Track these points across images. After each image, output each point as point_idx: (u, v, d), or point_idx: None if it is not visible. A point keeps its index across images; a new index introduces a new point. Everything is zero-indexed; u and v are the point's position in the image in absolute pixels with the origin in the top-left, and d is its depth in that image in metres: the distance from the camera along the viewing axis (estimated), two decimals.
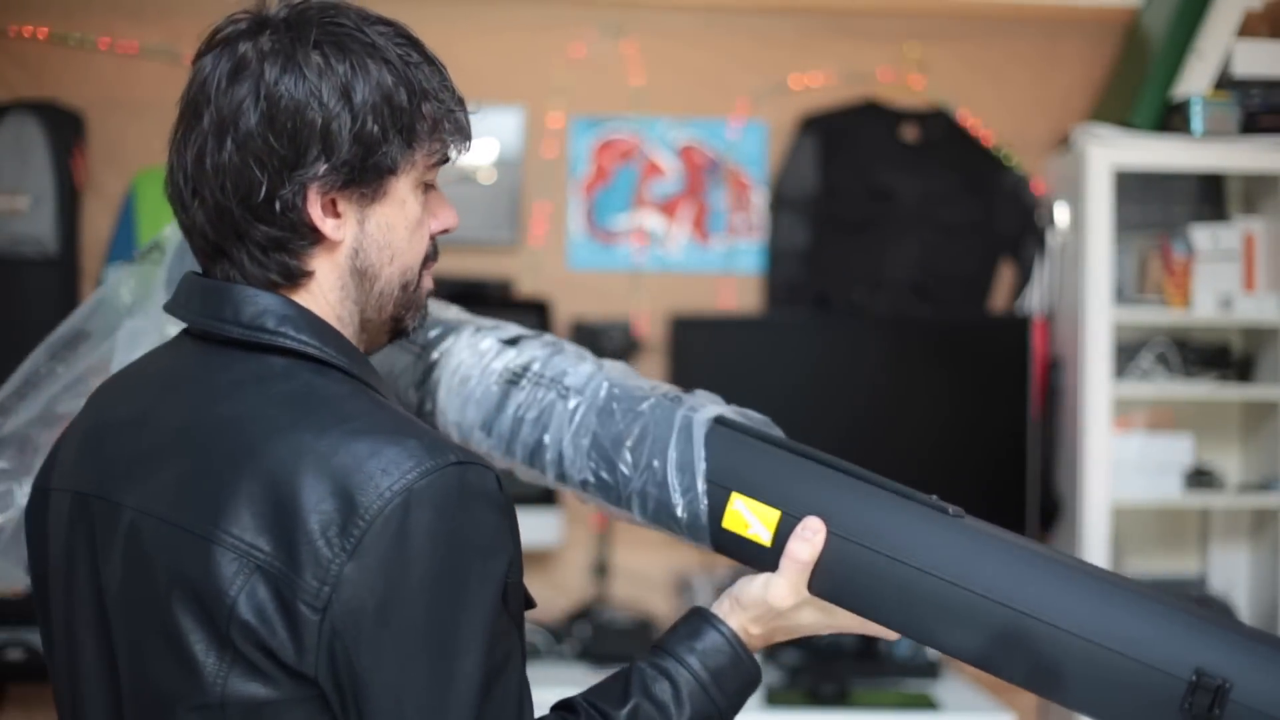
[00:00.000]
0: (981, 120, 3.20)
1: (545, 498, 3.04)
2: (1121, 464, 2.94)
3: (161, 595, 1.09)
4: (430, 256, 1.23)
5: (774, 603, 1.24)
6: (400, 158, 1.15)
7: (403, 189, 1.18)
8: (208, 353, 1.16)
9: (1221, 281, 2.96)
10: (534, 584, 3.48)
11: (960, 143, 3.20)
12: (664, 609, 3.14)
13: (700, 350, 3.10)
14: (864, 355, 3.09)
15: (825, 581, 1.22)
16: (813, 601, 1.24)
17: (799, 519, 1.23)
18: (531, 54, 3.17)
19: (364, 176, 1.14)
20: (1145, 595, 1.08)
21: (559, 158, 3.19)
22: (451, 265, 3.11)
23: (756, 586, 1.25)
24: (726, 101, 3.20)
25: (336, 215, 1.15)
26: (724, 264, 3.21)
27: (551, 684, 1.53)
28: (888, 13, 3.21)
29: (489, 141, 3.14)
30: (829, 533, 1.23)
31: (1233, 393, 3.03)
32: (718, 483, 1.28)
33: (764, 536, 1.25)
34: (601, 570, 3.15)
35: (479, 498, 1.10)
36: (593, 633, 2.93)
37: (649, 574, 3.17)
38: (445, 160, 1.21)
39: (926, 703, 2.73)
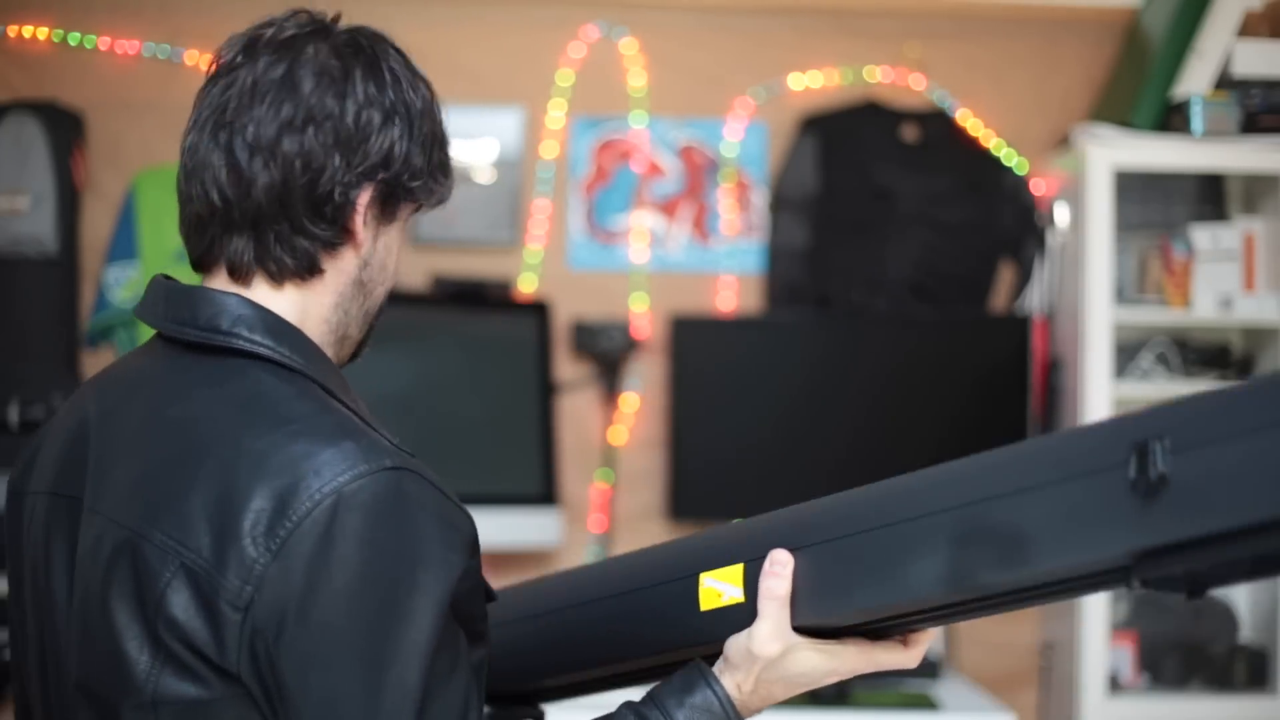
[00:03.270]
0: (981, 120, 3.21)
1: (545, 498, 3.04)
2: None
3: (102, 594, 1.10)
4: None
5: (759, 651, 1.16)
6: (427, 190, 1.21)
7: (404, 215, 1.22)
8: (171, 355, 1.19)
9: (1221, 281, 2.96)
10: None
11: (960, 143, 3.20)
12: None
13: (700, 350, 3.11)
14: (864, 355, 3.09)
15: (812, 603, 1.15)
16: (808, 644, 1.17)
17: (762, 558, 1.18)
18: (531, 54, 3.17)
19: (398, 197, 1.19)
20: (1068, 430, 1.08)
21: (559, 158, 3.19)
22: (451, 265, 3.12)
23: (741, 639, 1.18)
24: (726, 101, 3.21)
25: (364, 226, 1.19)
26: (724, 264, 3.21)
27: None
28: (888, 13, 3.21)
29: (489, 141, 3.14)
30: (796, 554, 1.17)
31: None
32: (680, 576, 1.23)
33: (737, 594, 1.19)
34: None
35: (415, 505, 1.08)
36: None
37: None
38: (432, 191, 1.23)
39: (926, 703, 2.73)
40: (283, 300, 1.18)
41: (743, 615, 1.18)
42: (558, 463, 3.09)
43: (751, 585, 1.18)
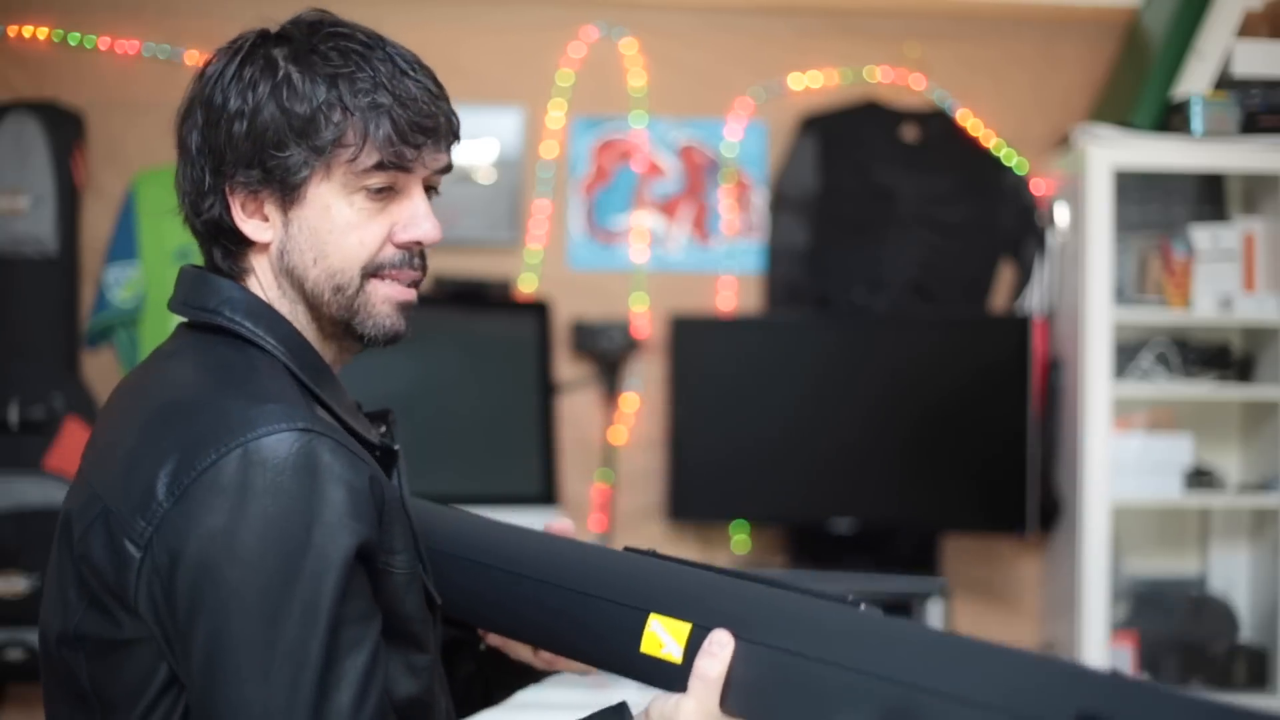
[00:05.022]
0: (981, 120, 3.21)
1: (545, 498, 3.04)
2: (1121, 464, 2.94)
3: (57, 546, 1.19)
4: (394, 264, 1.23)
5: None
6: (306, 164, 1.19)
7: (324, 194, 1.21)
8: (178, 334, 1.26)
9: (1221, 281, 2.96)
10: None
11: (960, 143, 3.20)
12: None
13: (700, 350, 3.11)
14: (864, 355, 3.09)
15: (740, 698, 1.12)
16: None
17: (708, 630, 1.14)
18: (531, 54, 3.17)
19: (274, 182, 1.20)
20: (1022, 653, 1.07)
21: (559, 158, 3.19)
22: (452, 265, 3.12)
23: (668, 707, 1.14)
24: (726, 101, 3.21)
25: (263, 218, 1.22)
26: (724, 264, 3.21)
27: (552, 684, 1.52)
28: (888, 13, 3.21)
29: (489, 141, 3.14)
30: (739, 641, 1.12)
31: (1233, 393, 3.03)
32: (634, 605, 1.20)
33: (676, 654, 1.16)
34: None
35: (325, 471, 1.10)
36: None
37: None
38: (382, 167, 1.21)
39: None
40: (256, 290, 1.24)
41: (674, 676, 1.15)
42: (558, 463, 3.09)
43: (692, 650, 1.15)
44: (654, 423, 3.18)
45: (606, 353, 3.14)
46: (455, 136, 1.28)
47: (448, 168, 1.29)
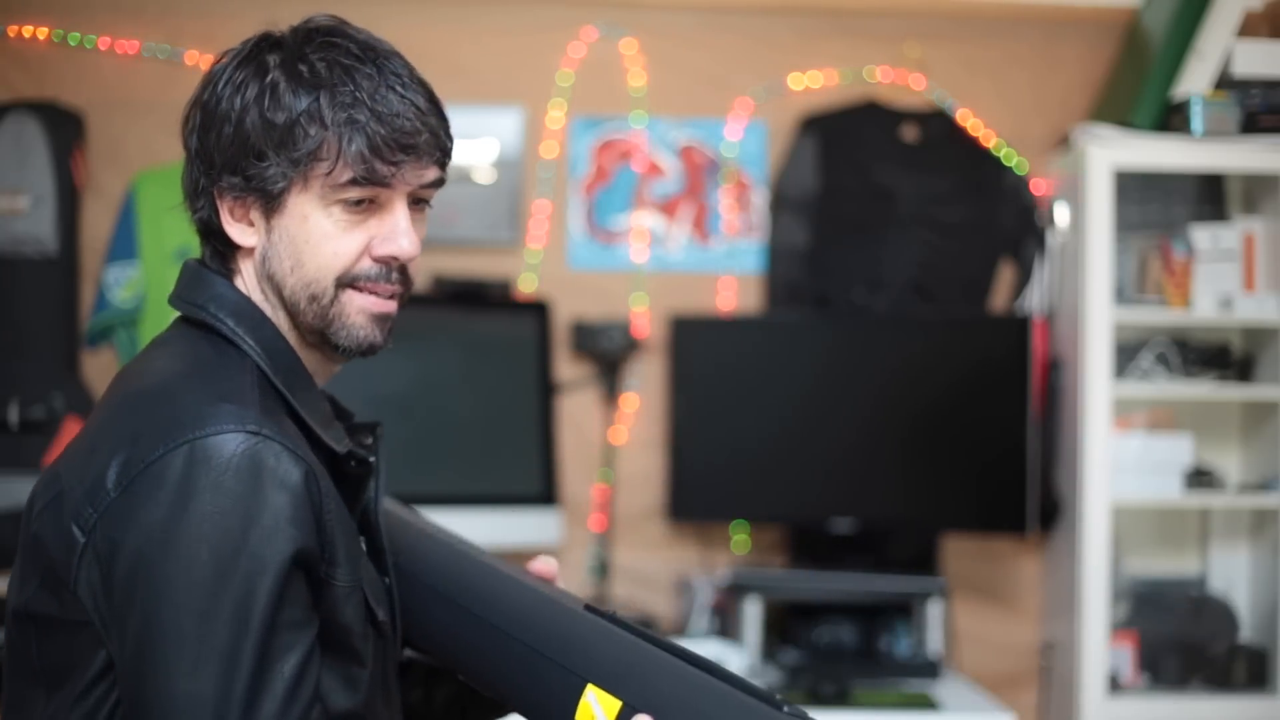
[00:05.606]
0: (981, 120, 3.21)
1: (545, 498, 3.04)
2: (1121, 464, 2.94)
3: (23, 516, 1.22)
4: (370, 277, 1.25)
5: None
6: (285, 175, 1.21)
7: (303, 204, 1.22)
8: (172, 326, 1.30)
9: (1221, 281, 2.96)
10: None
11: (960, 143, 3.20)
12: (664, 609, 3.14)
13: (700, 350, 3.10)
14: (864, 355, 3.09)
15: None
16: None
17: (635, 713, 1.14)
18: (531, 54, 3.17)
19: (255, 190, 1.22)
20: None
21: (559, 158, 3.19)
22: (452, 265, 3.12)
23: None
24: (726, 101, 3.21)
25: (249, 223, 1.25)
26: (724, 264, 3.21)
27: None
28: (888, 13, 3.21)
29: (489, 141, 3.14)
30: None
31: (1233, 393, 3.03)
32: (575, 671, 1.21)
33: None
34: (601, 570, 3.15)
35: (269, 475, 1.12)
36: None
37: (649, 574, 3.17)
38: (356, 183, 1.21)
39: (926, 703, 2.73)
40: (243, 291, 1.27)
41: None
42: (558, 463, 3.09)
43: None
44: (654, 423, 3.18)
45: (606, 353, 3.14)
46: (443, 152, 1.27)
47: (438, 182, 1.28)
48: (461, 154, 3.12)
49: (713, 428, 3.08)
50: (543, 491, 3.04)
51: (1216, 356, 3.05)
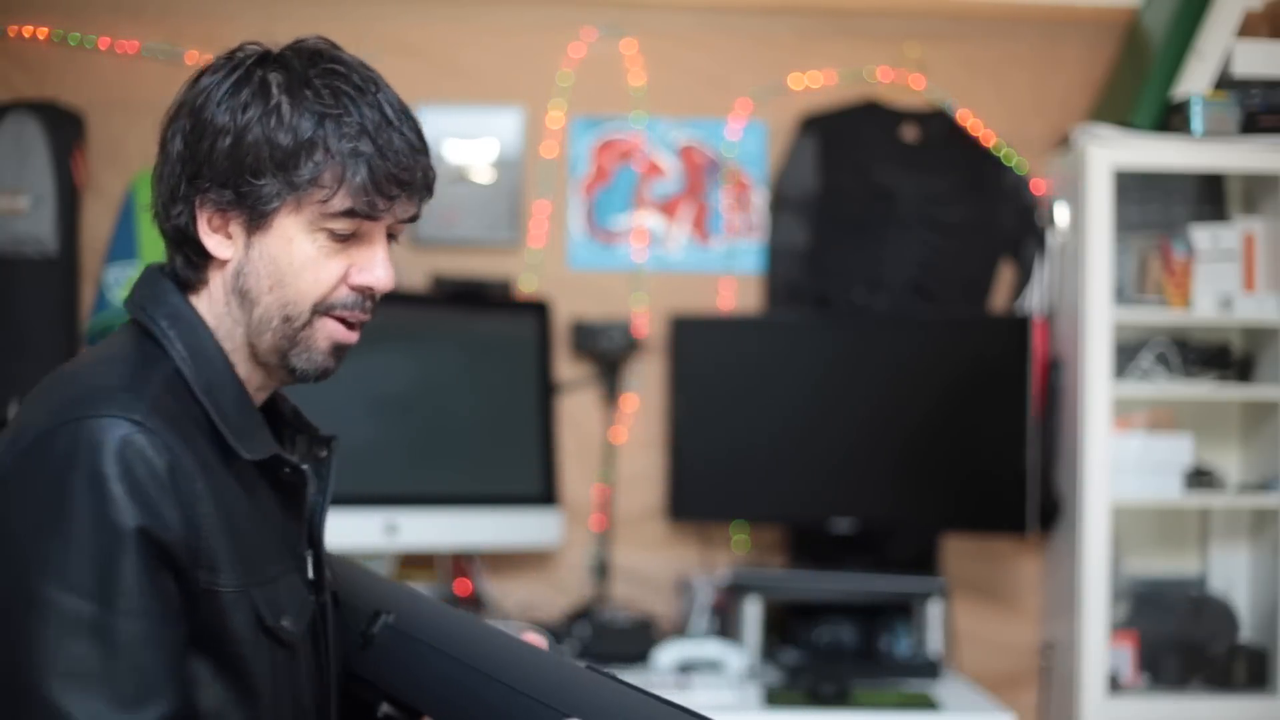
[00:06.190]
0: (981, 120, 3.20)
1: (545, 498, 3.04)
2: (1121, 464, 2.94)
3: None
4: (345, 305, 1.27)
5: None
6: (279, 196, 1.23)
7: (290, 226, 1.24)
8: (121, 325, 1.33)
9: (1221, 281, 2.96)
10: (534, 584, 3.47)
11: (960, 143, 3.20)
12: (664, 609, 3.14)
13: (700, 350, 3.10)
14: (864, 355, 3.09)
15: None
16: None
17: None
18: (531, 54, 3.17)
19: (244, 205, 1.24)
20: None
21: (559, 158, 3.19)
22: (452, 265, 3.12)
23: None
24: (726, 101, 3.20)
25: (227, 235, 1.26)
26: (724, 264, 3.21)
27: None
28: (888, 13, 3.21)
29: (489, 141, 3.14)
30: None
31: (1233, 393, 3.03)
32: (557, 708, 1.23)
33: None
34: (601, 570, 3.15)
35: (139, 464, 1.15)
36: (593, 633, 2.93)
37: (649, 574, 3.17)
38: (352, 214, 1.24)
39: (926, 703, 2.73)
40: (202, 304, 1.28)
41: None
42: (558, 463, 3.09)
43: None
44: (654, 423, 3.18)
45: (606, 353, 3.14)
46: (429, 190, 1.30)
47: (415, 217, 1.31)
48: (461, 154, 3.13)
49: (713, 428, 3.08)
50: (543, 491, 3.04)
51: (1216, 356, 3.05)
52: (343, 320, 1.28)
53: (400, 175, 1.24)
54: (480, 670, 1.30)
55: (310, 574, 1.34)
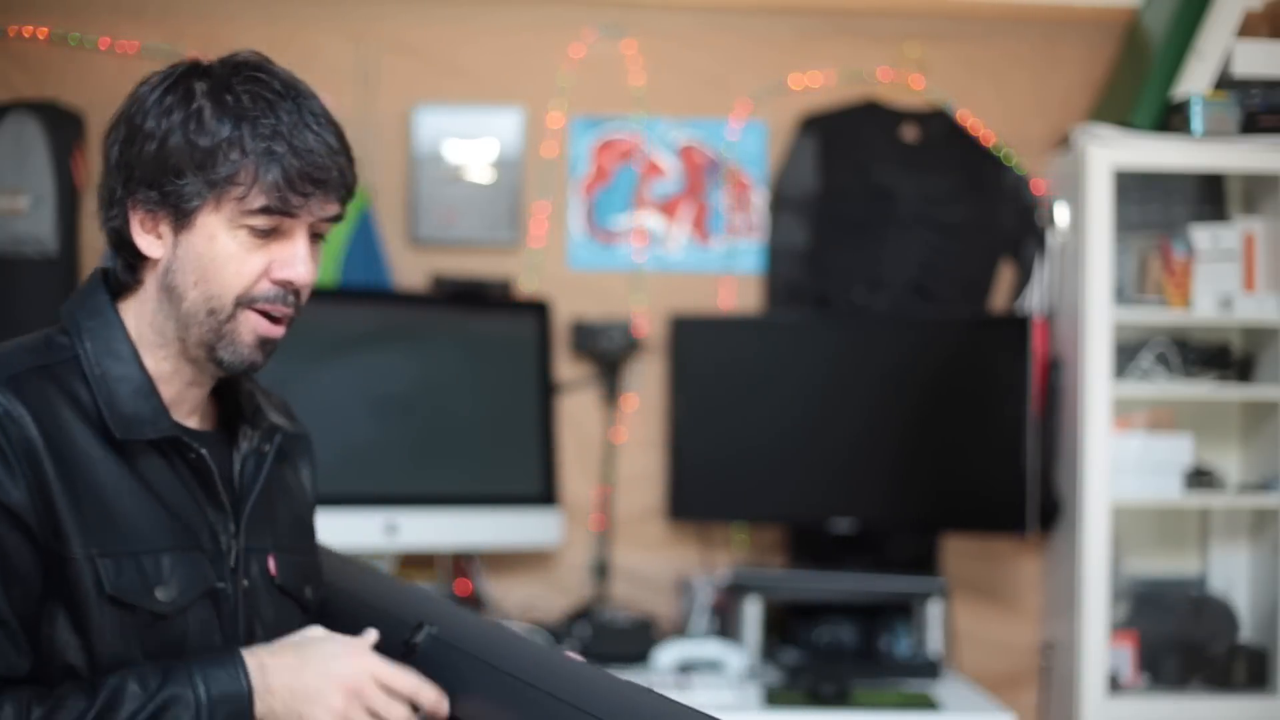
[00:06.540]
0: (981, 120, 3.20)
1: (545, 498, 3.04)
2: (1121, 464, 2.94)
3: None
4: (267, 298, 1.34)
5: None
6: (200, 195, 1.31)
7: (212, 224, 1.33)
8: None
9: (1221, 281, 2.96)
10: (534, 584, 3.47)
11: (960, 143, 3.20)
12: (664, 609, 3.14)
13: (700, 350, 3.11)
14: (864, 355, 3.09)
15: None
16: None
17: None
18: (531, 54, 3.17)
19: (169, 205, 1.32)
20: None
21: (559, 158, 3.19)
22: (452, 265, 3.12)
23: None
24: (726, 101, 3.21)
25: (157, 235, 1.36)
26: (724, 264, 3.21)
27: None
28: (888, 13, 3.21)
29: (489, 141, 3.14)
30: None
31: (1233, 393, 3.03)
32: (600, 718, 1.27)
33: None
34: (601, 570, 3.15)
35: None
36: (593, 633, 2.93)
37: (649, 574, 3.17)
38: (268, 210, 1.31)
39: (926, 703, 2.73)
40: (132, 306, 1.40)
41: None
42: (558, 463, 3.09)
43: None
44: (654, 423, 3.18)
45: (606, 353, 3.14)
46: (348, 189, 1.36)
47: (337, 217, 1.37)
48: (461, 154, 3.13)
49: (713, 428, 3.08)
50: (543, 491, 3.04)
51: (1216, 356, 3.05)
52: (266, 314, 1.34)
53: (314, 174, 1.31)
54: (523, 680, 1.34)
55: (232, 560, 1.39)
